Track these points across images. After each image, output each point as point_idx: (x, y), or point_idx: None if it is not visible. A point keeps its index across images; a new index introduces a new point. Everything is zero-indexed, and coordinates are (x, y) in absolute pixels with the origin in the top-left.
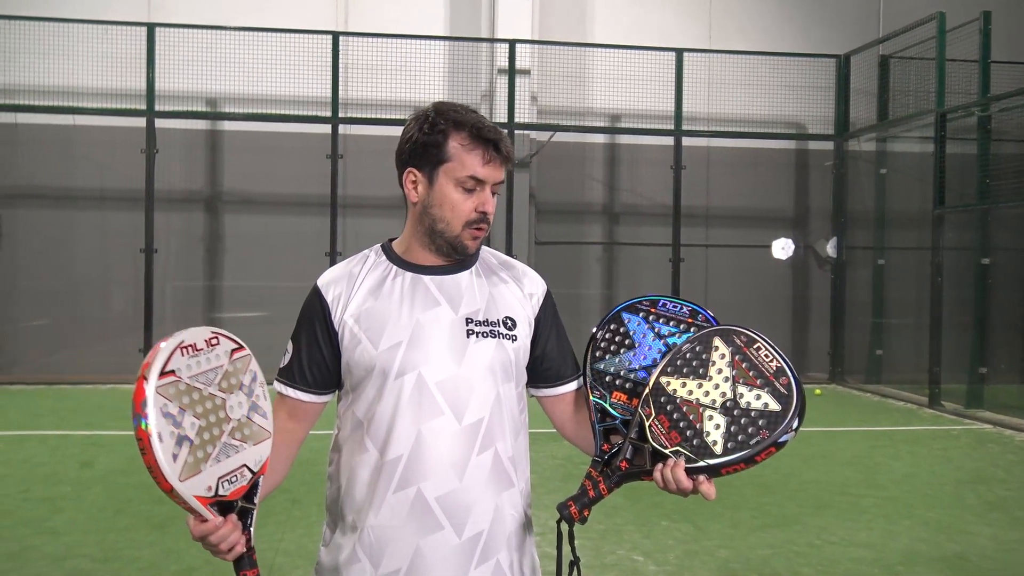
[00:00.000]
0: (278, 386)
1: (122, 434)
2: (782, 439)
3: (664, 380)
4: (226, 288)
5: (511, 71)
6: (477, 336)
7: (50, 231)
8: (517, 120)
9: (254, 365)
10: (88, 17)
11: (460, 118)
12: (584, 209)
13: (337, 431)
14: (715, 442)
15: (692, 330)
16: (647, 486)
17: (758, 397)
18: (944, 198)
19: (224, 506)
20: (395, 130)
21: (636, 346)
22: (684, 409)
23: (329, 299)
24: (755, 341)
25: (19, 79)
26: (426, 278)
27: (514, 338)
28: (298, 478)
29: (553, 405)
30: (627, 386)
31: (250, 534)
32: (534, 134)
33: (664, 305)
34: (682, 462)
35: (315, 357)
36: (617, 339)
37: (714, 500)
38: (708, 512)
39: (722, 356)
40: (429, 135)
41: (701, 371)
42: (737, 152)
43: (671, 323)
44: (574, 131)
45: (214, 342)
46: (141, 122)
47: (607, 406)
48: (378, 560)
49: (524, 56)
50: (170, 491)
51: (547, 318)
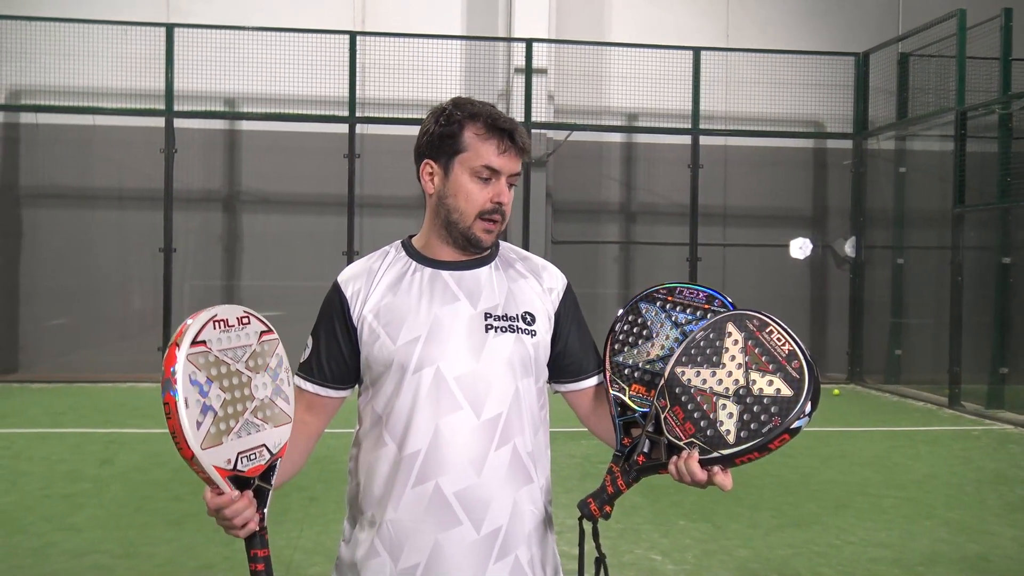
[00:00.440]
0: (297, 380)
1: (141, 432)
2: (795, 425)
3: (679, 370)
4: (244, 287)
5: (528, 70)
6: (496, 331)
7: (70, 231)
8: (534, 119)
9: (281, 350)
10: (107, 18)
11: (475, 109)
12: (601, 208)
13: (358, 426)
14: (728, 432)
15: (708, 316)
16: (666, 485)
17: (770, 383)
18: (964, 197)
19: (241, 482)
20: (412, 129)
21: (654, 336)
22: (698, 399)
23: (348, 295)
24: (767, 325)
25: (40, 80)
26: (445, 273)
27: (533, 333)
28: (315, 475)
29: (576, 400)
30: (646, 378)
31: (263, 514)
32: (551, 133)
33: (681, 292)
34: (695, 454)
35: (334, 352)
36: (635, 330)
37: (730, 492)
38: (727, 511)
39: (735, 342)
40: (445, 126)
41: (715, 359)
42: (755, 151)
43: (688, 310)
44: (591, 130)
45: (245, 321)
46: (160, 122)
47: (626, 399)
48: (397, 555)
49: (541, 55)
50: (191, 458)
51: (567, 312)
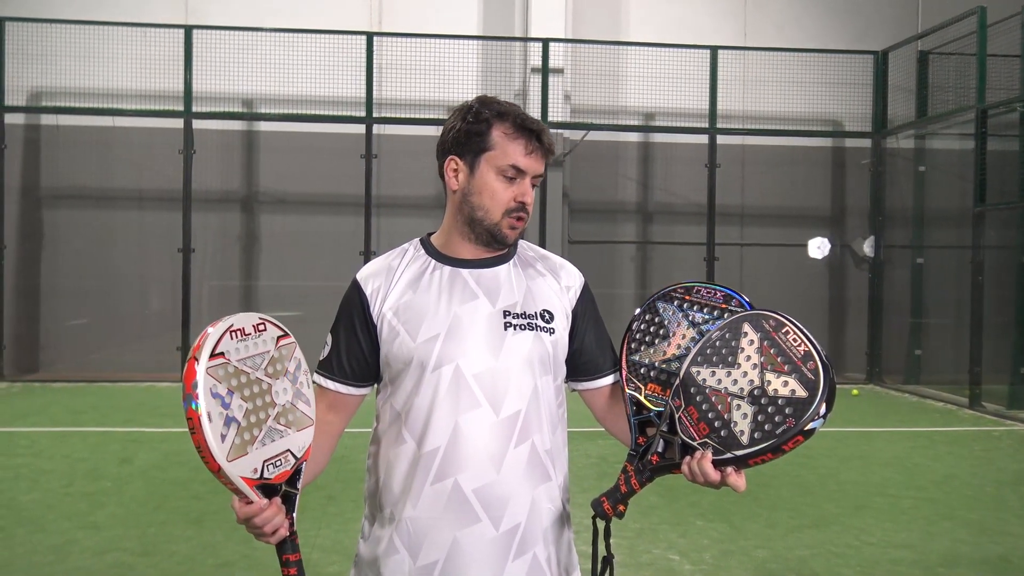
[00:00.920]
0: (317, 378)
1: (160, 431)
2: (809, 426)
3: (694, 370)
4: (262, 287)
5: (544, 70)
6: (515, 329)
7: (90, 231)
8: (550, 119)
9: (299, 353)
10: (126, 20)
11: (504, 109)
12: (618, 208)
13: (376, 424)
14: (742, 432)
15: (726, 316)
16: (683, 485)
17: (785, 384)
18: (985, 195)
19: (268, 489)
20: (429, 130)
21: (671, 335)
22: (713, 399)
23: (368, 292)
24: (784, 325)
25: (60, 82)
26: (464, 271)
27: (552, 331)
28: (333, 475)
29: (592, 398)
30: (662, 377)
31: (293, 519)
32: (567, 133)
33: (698, 291)
34: (709, 454)
35: (354, 350)
36: (652, 329)
37: (748, 492)
38: (745, 512)
39: (751, 342)
40: (473, 124)
41: (730, 359)
42: (773, 150)
43: (705, 310)
44: (607, 130)
45: (261, 328)
46: (179, 123)
47: (642, 398)
48: (416, 551)
49: (557, 55)
50: (218, 471)
51: (585, 310)
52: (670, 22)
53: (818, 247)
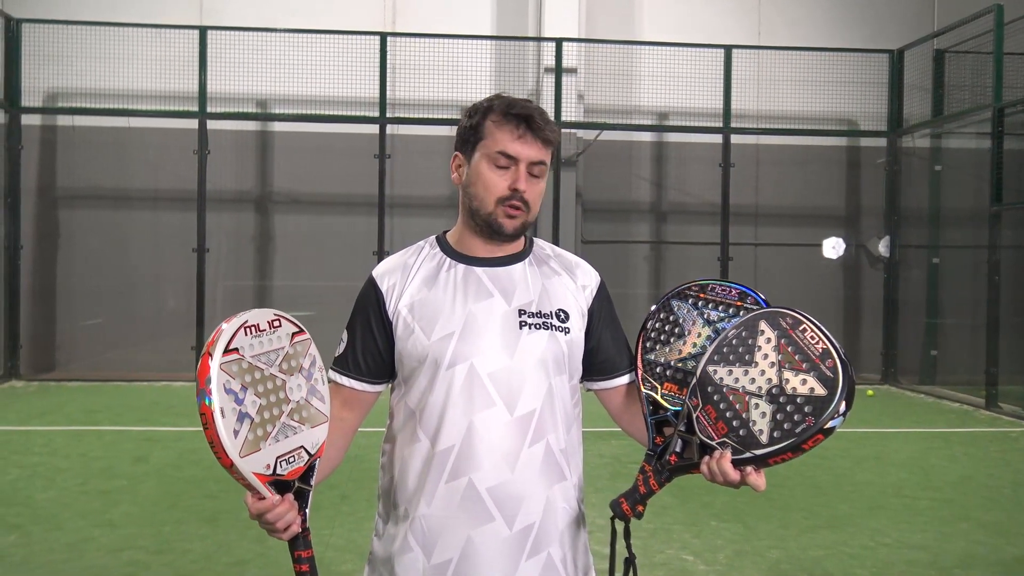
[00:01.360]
0: (332, 375)
1: (175, 430)
2: (829, 425)
3: (711, 369)
4: (276, 287)
5: (558, 70)
6: (530, 328)
7: (106, 231)
8: (564, 119)
9: (313, 350)
10: (142, 21)
11: (497, 100)
12: (631, 208)
13: (390, 421)
14: (761, 431)
15: (741, 313)
16: (697, 485)
17: (804, 382)
18: (1001, 195)
19: (281, 485)
20: (442, 130)
21: (686, 334)
22: (731, 399)
23: (384, 289)
24: (801, 323)
25: (76, 83)
26: (479, 269)
27: (567, 330)
28: (347, 474)
29: (608, 398)
30: (678, 376)
31: (305, 515)
32: (581, 132)
33: (713, 289)
34: (728, 454)
35: (369, 346)
36: (667, 328)
37: (762, 492)
38: (758, 512)
39: (768, 340)
40: (470, 118)
41: (747, 357)
42: (787, 149)
43: (720, 308)
44: (621, 129)
45: (276, 324)
46: (193, 124)
47: (658, 398)
48: (430, 550)
49: (571, 54)
50: (230, 466)
51: (601, 310)
52: (684, 21)
53: (833, 247)
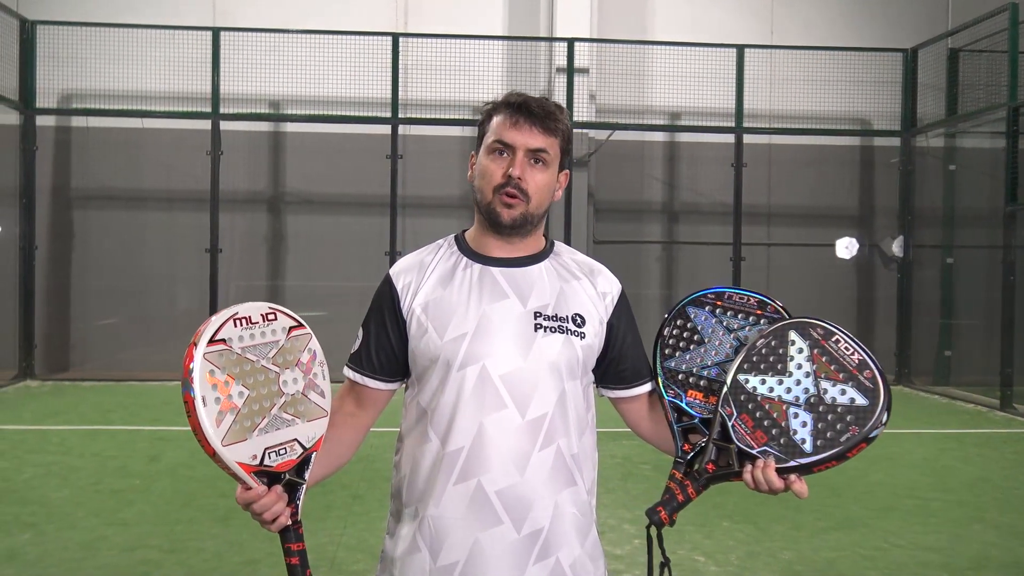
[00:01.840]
0: (347, 371)
1: (188, 429)
2: (873, 434)
3: (742, 377)
4: (288, 287)
5: (569, 70)
6: (544, 331)
7: (120, 232)
8: (576, 119)
9: (314, 344)
10: (155, 23)
11: (504, 96)
12: (643, 208)
13: (403, 420)
14: (803, 440)
15: (762, 322)
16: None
17: (843, 392)
18: (1016, 195)
19: (272, 478)
20: (454, 130)
21: (706, 341)
22: (767, 407)
23: (399, 287)
24: (833, 334)
25: (90, 84)
26: (495, 270)
27: (583, 335)
28: (359, 473)
29: (628, 406)
30: (702, 383)
31: (296, 508)
32: (593, 133)
33: (730, 297)
34: (772, 462)
35: (383, 344)
36: (685, 335)
37: (777, 494)
38: (770, 513)
39: (799, 350)
40: (481, 117)
41: (779, 367)
42: (800, 149)
43: (740, 315)
44: (633, 129)
45: (271, 317)
46: (206, 124)
47: (683, 405)
48: (437, 551)
49: (583, 55)
50: (213, 455)
51: (622, 319)
52: (696, 21)
53: (846, 247)
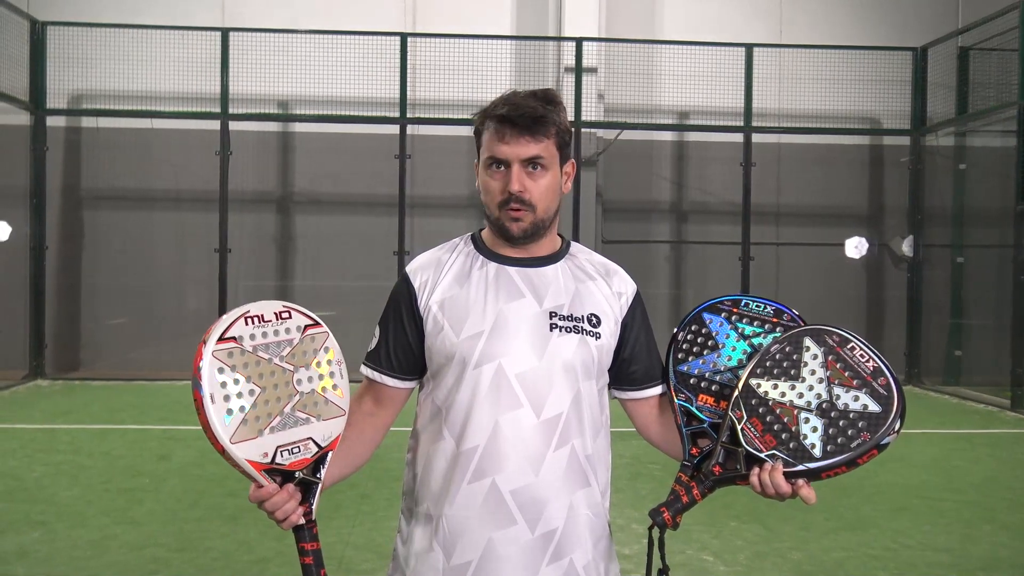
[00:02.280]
0: (364, 369)
1: (197, 428)
2: (884, 441)
3: (754, 382)
4: (297, 287)
5: (578, 69)
6: (560, 331)
7: (129, 232)
8: (584, 118)
9: (331, 343)
10: (165, 24)
11: (492, 104)
12: (652, 207)
13: (416, 418)
14: (813, 445)
15: (778, 330)
16: None
17: (856, 399)
18: None
19: (286, 476)
20: (462, 130)
21: (720, 347)
22: (777, 412)
23: (416, 285)
24: (849, 341)
25: (100, 85)
26: (511, 269)
27: (598, 335)
28: (367, 473)
29: (637, 408)
30: (713, 388)
31: (310, 507)
32: (601, 132)
33: (747, 305)
34: (780, 466)
35: (400, 341)
36: (700, 340)
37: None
38: (779, 513)
39: (814, 357)
40: (475, 126)
41: (792, 372)
42: (809, 148)
43: (755, 323)
44: (641, 129)
45: (285, 316)
46: (215, 125)
47: (693, 409)
48: (451, 550)
49: (591, 54)
50: (222, 451)
51: (636, 320)
52: (704, 20)
53: (856, 246)
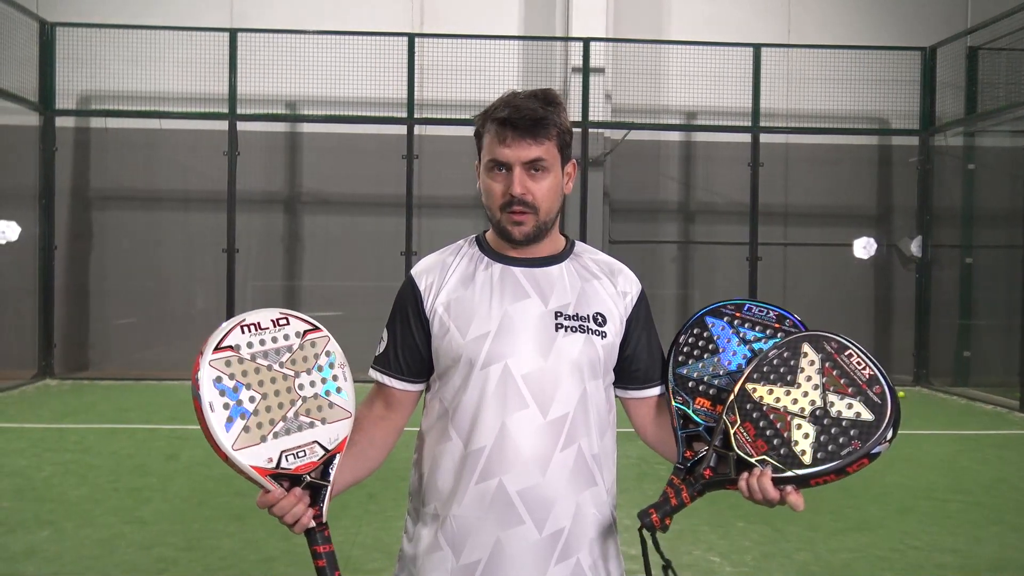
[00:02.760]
0: (373, 373)
1: None
2: (875, 450)
3: (750, 387)
4: (305, 287)
5: (585, 69)
6: (566, 330)
7: (137, 232)
8: (591, 118)
9: (333, 346)
10: (173, 24)
11: (492, 105)
12: (659, 208)
13: (423, 419)
14: (803, 451)
15: (779, 335)
16: None
17: (850, 406)
18: None
19: (293, 480)
20: (470, 130)
21: (720, 351)
22: (771, 417)
23: (422, 287)
24: (847, 348)
25: (108, 85)
26: (516, 269)
27: (604, 335)
28: (374, 473)
29: (636, 408)
30: (711, 392)
31: (321, 510)
32: (608, 132)
33: (749, 309)
34: (768, 471)
35: (408, 344)
36: (701, 344)
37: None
38: (786, 514)
39: (811, 363)
40: (476, 127)
41: (789, 378)
42: (817, 148)
43: (757, 328)
44: (649, 129)
45: (282, 322)
46: (223, 125)
47: (690, 412)
48: (459, 550)
49: (598, 54)
50: (225, 459)
51: (640, 318)
52: (712, 20)
53: (864, 247)
